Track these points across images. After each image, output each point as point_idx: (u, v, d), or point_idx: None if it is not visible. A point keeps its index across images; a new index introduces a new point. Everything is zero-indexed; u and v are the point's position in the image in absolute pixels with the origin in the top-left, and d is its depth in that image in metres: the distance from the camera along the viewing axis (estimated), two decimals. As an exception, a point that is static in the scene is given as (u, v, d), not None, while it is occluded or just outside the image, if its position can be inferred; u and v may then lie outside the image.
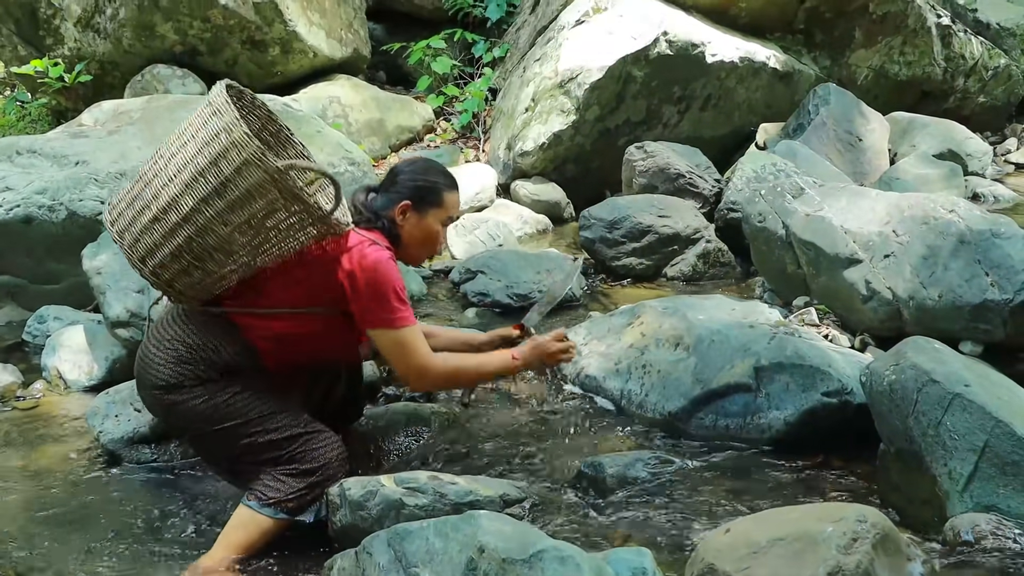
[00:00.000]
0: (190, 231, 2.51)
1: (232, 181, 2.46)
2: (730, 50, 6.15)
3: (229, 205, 2.49)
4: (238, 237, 2.55)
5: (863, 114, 6.32)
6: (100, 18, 6.56)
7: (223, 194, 2.48)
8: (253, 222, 2.53)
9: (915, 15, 7.01)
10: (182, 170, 2.50)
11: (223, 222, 2.51)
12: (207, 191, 2.48)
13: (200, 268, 2.58)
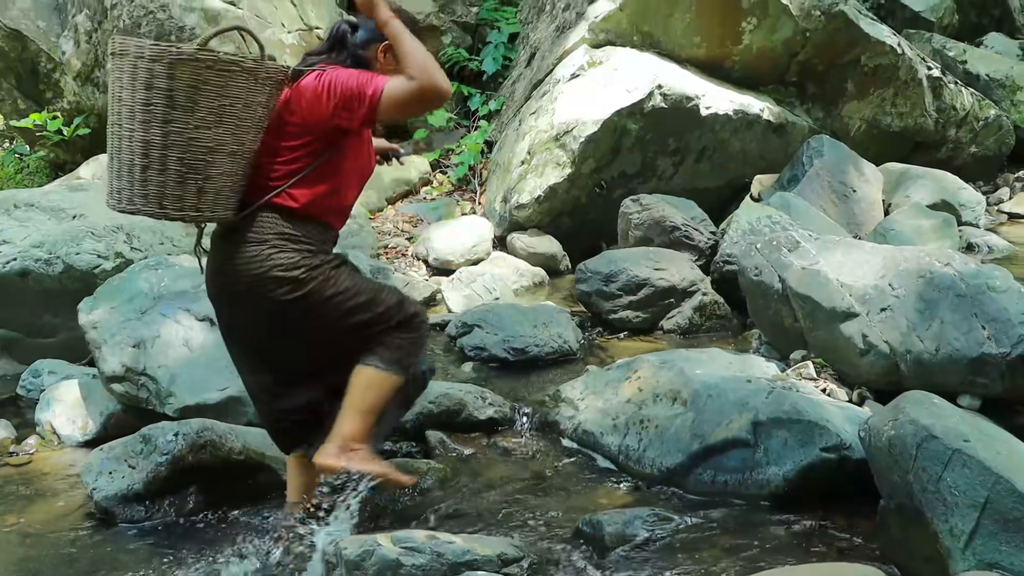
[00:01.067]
0: (176, 153, 2.61)
1: (174, 89, 2.56)
2: (724, 103, 6.20)
3: (185, 109, 2.59)
4: (214, 132, 2.64)
5: (857, 165, 6.36)
6: (100, 72, 6.61)
7: (175, 104, 2.58)
8: (219, 110, 2.63)
9: (906, 67, 7.07)
10: (132, 115, 2.60)
11: (195, 125, 2.61)
12: (162, 112, 2.58)
13: (210, 178, 2.67)
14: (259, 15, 6.44)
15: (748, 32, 6.47)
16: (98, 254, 4.69)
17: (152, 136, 2.60)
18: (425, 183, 6.95)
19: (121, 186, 2.66)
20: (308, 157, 2.82)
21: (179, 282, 4.16)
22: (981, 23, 10.61)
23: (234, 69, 2.63)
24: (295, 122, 2.79)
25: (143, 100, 2.58)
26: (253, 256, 2.78)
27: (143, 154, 2.61)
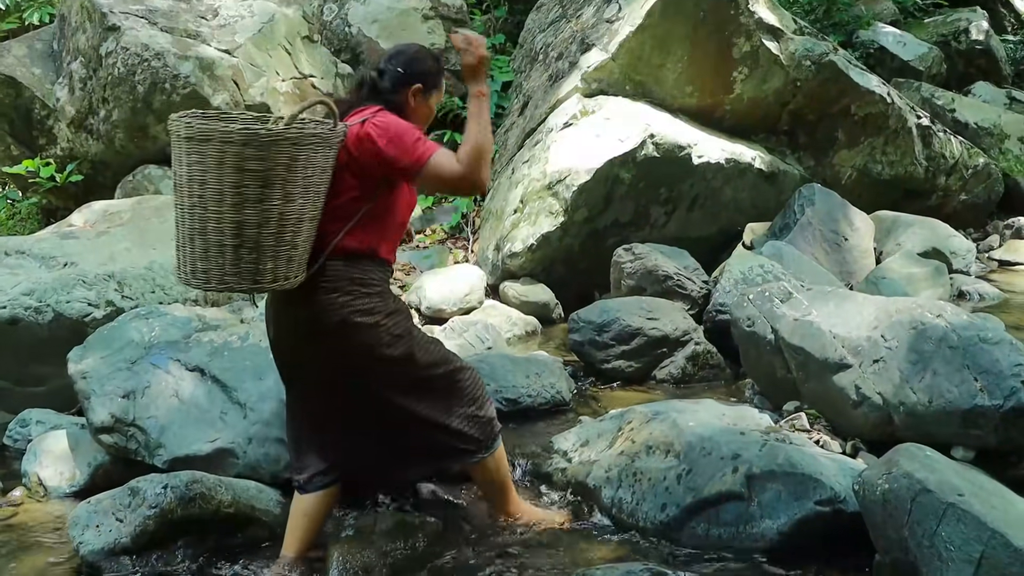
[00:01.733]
0: (270, 230, 2.72)
1: (267, 169, 2.66)
2: (716, 151, 6.23)
3: (276, 187, 2.69)
4: (295, 204, 2.75)
5: (848, 214, 6.39)
6: (93, 119, 6.63)
7: (268, 183, 2.68)
8: (292, 179, 2.72)
9: (896, 116, 7.12)
10: (221, 198, 2.67)
11: (283, 200, 2.71)
12: (256, 193, 2.67)
13: (294, 244, 2.79)
14: (254, 64, 6.48)
15: (739, 82, 6.52)
16: (89, 302, 4.66)
17: (246, 217, 2.68)
18: (418, 231, 6.96)
19: (208, 267, 2.73)
20: (364, 200, 2.96)
21: (170, 331, 4.14)
22: (968, 72, 10.73)
23: (317, 141, 2.76)
24: (351, 170, 2.93)
25: (233, 183, 2.65)
26: (329, 304, 2.92)
27: (235, 234, 2.69)
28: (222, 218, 2.68)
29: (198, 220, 2.71)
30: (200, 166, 2.66)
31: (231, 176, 2.64)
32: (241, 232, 2.69)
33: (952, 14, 11.36)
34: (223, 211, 2.67)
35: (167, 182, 6.40)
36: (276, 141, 2.65)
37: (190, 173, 2.69)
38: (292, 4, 7.09)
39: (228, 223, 2.68)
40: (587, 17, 6.74)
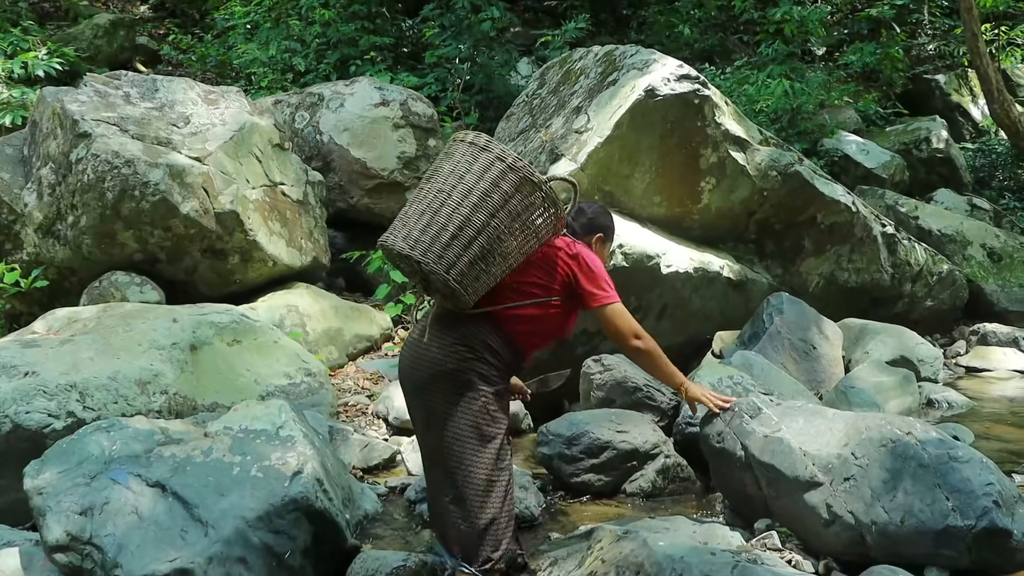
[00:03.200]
0: (483, 240, 3.27)
1: (512, 196, 3.29)
2: (684, 260, 6.27)
3: (510, 214, 3.30)
4: (512, 241, 3.33)
5: (816, 322, 6.43)
6: (61, 225, 6.59)
7: (506, 206, 3.29)
8: (525, 226, 3.35)
9: (861, 225, 7.23)
10: (467, 195, 3.27)
11: (508, 230, 3.30)
12: (493, 206, 3.28)
13: (487, 272, 3.32)
14: (224, 171, 6.50)
15: (707, 192, 6.61)
16: (49, 413, 4.55)
17: (475, 219, 3.26)
18: (387, 339, 6.92)
19: (422, 238, 3.26)
20: (542, 292, 3.52)
21: (131, 445, 4.05)
22: (930, 179, 10.98)
23: (552, 209, 3.39)
24: (546, 265, 3.53)
25: (484, 191, 3.27)
26: (454, 353, 3.44)
27: (459, 227, 3.25)
28: (457, 211, 3.25)
29: (438, 202, 3.28)
30: (468, 166, 3.29)
31: (485, 185, 3.27)
32: (463, 228, 3.24)
33: (912, 123, 11.67)
34: (462, 206, 3.25)
35: (134, 289, 6.36)
36: (534, 183, 3.30)
37: (455, 167, 3.33)
38: (264, 113, 7.15)
39: (460, 216, 3.24)
40: (556, 127, 6.82)
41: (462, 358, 3.43)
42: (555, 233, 3.52)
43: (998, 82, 10.71)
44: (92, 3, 13.98)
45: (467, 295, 3.30)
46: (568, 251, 3.56)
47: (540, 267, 3.53)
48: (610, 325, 3.63)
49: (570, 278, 3.53)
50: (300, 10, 10.98)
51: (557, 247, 3.56)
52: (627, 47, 6.96)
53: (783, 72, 11.19)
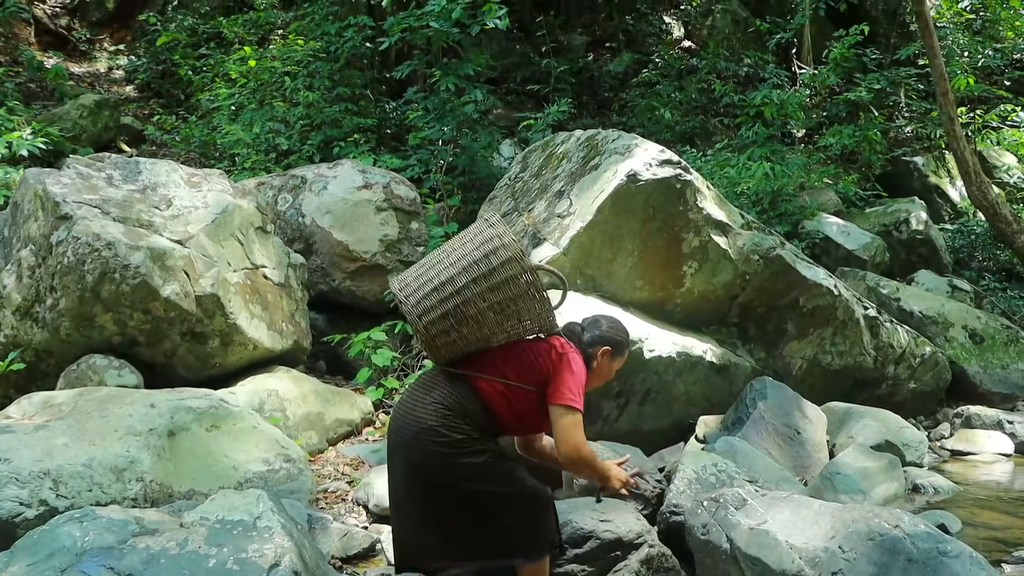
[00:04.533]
0: (458, 300, 3.57)
1: (496, 270, 3.58)
2: (667, 345, 6.25)
3: (491, 286, 3.58)
4: (490, 314, 3.59)
5: (800, 407, 6.41)
6: (40, 307, 6.53)
7: (488, 277, 3.58)
8: (504, 304, 3.60)
9: (843, 308, 7.25)
10: (460, 259, 3.63)
11: (483, 298, 3.57)
12: (477, 273, 3.58)
13: (457, 331, 3.59)
14: (206, 254, 6.47)
15: (689, 276, 6.62)
16: (21, 501, 4.46)
17: (458, 279, 3.59)
18: (368, 423, 6.84)
19: (412, 284, 3.67)
20: (514, 376, 3.66)
21: (104, 536, 3.96)
22: (911, 260, 11.06)
23: (537, 295, 3.67)
24: (530, 355, 3.70)
25: (475, 258, 3.61)
26: (428, 404, 3.63)
27: (442, 282, 3.60)
28: (447, 268, 3.62)
29: (436, 259, 3.71)
30: (471, 236, 3.70)
31: (478, 255, 3.60)
32: (445, 284, 3.59)
33: (892, 204, 11.79)
34: (453, 265, 3.61)
35: (112, 372, 6.27)
36: (517, 262, 3.59)
37: (463, 235, 3.76)
38: (247, 195, 7.14)
39: (446, 273, 3.60)
40: (539, 211, 6.85)
41: (441, 415, 3.59)
42: (542, 326, 3.75)
43: (975, 164, 10.85)
44: (78, 83, 14.07)
45: (435, 345, 3.62)
46: (558, 350, 3.73)
47: (527, 355, 3.70)
48: (561, 429, 3.64)
49: (548, 372, 3.67)
50: (284, 92, 11.07)
51: (551, 344, 3.76)
52: (609, 132, 7.03)
53: (763, 154, 11.31)
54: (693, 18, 16.41)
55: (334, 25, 11.86)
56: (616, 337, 4.10)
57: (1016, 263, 11.18)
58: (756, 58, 14.67)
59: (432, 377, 3.79)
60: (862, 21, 13.65)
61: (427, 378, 3.82)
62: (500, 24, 9.27)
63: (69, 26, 15.78)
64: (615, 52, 15.47)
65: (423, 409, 3.62)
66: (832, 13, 14.11)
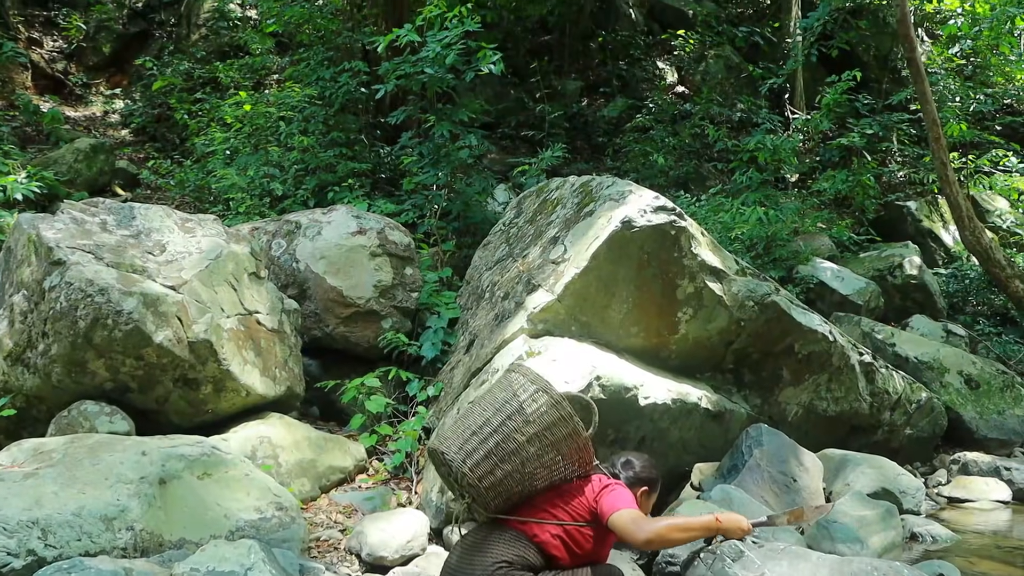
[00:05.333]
0: (498, 438, 3.72)
1: (526, 403, 3.77)
2: (662, 392, 6.22)
3: (525, 420, 3.74)
4: (529, 447, 3.72)
5: (796, 454, 6.37)
6: (31, 353, 6.49)
7: (521, 412, 3.75)
8: (541, 435, 3.73)
9: (838, 354, 7.23)
10: (491, 403, 3.83)
11: (520, 432, 3.72)
12: (511, 411, 3.78)
13: (501, 468, 3.70)
14: (199, 299, 6.45)
15: (684, 322, 6.61)
16: (8, 551, 4.41)
17: (493, 420, 3.75)
18: (361, 470, 6.78)
19: (451, 438, 3.81)
20: (565, 516, 3.83)
21: (92, 588, 3.92)
22: (905, 305, 11.07)
23: (569, 422, 3.78)
24: (576, 493, 3.86)
25: (504, 399, 3.81)
26: (489, 564, 3.67)
27: (479, 426, 3.75)
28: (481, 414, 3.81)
29: (467, 410, 3.93)
30: (499, 383, 3.94)
31: (506, 395, 3.81)
32: (483, 427, 3.75)
33: (886, 249, 11.82)
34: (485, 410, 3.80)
35: (103, 418, 6.23)
36: (556, 404, 3.78)
37: (492, 386, 3.98)
38: (241, 240, 7.12)
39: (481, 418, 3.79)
40: (533, 257, 6.84)
41: (506, 573, 3.67)
42: (581, 455, 3.91)
43: (968, 209, 10.89)
44: (74, 127, 14.10)
45: (481, 489, 3.71)
46: (602, 483, 3.93)
47: (573, 494, 3.88)
48: (625, 533, 3.73)
49: (597, 503, 3.83)
50: (279, 136, 11.09)
51: (591, 480, 3.96)
52: (603, 178, 7.05)
53: (757, 199, 11.36)
54: (686, 64, 16.53)
55: (329, 70, 11.92)
56: (652, 476, 4.27)
57: (1010, 308, 11.19)
58: (749, 103, 14.78)
59: (482, 537, 3.87)
60: (854, 67, 13.77)
61: (476, 538, 3.90)
62: (495, 69, 9.31)
63: (66, 70, 15.83)
64: (609, 97, 15.56)
65: (483, 570, 3.69)
66: (824, 59, 14.24)
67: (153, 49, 16.33)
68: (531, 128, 14.14)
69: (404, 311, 7.93)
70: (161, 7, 17.19)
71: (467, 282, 8.11)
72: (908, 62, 11.32)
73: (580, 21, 16.12)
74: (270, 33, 14.44)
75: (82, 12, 16.69)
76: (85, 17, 16.58)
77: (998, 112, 15.46)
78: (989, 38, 14.53)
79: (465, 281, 8.20)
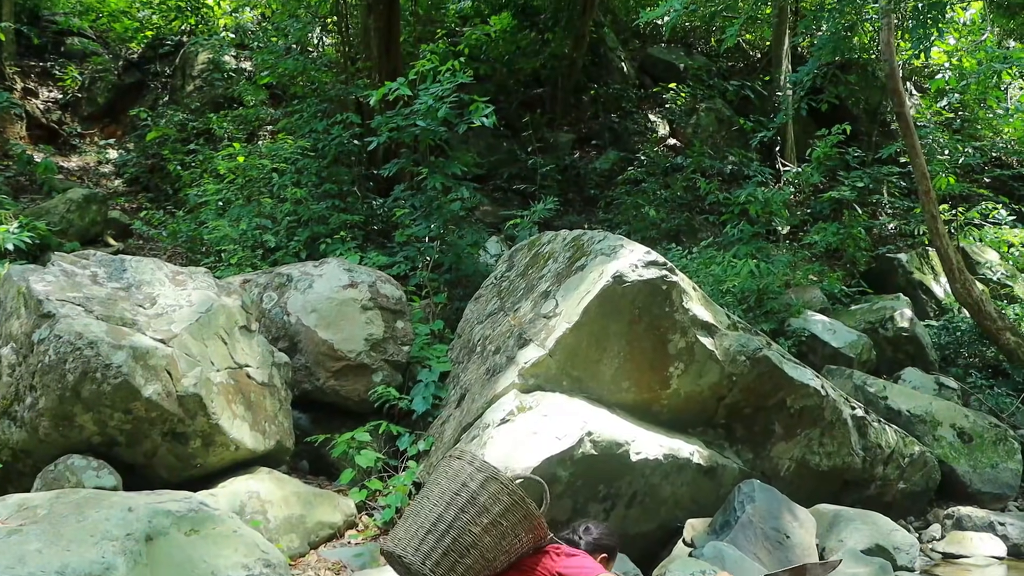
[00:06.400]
0: (453, 534, 3.63)
1: (477, 493, 3.69)
2: (654, 447, 6.19)
3: (478, 511, 3.66)
4: (486, 537, 3.64)
5: (789, 510, 6.34)
6: (18, 406, 6.45)
7: (473, 503, 3.67)
8: (496, 522, 3.66)
9: (830, 408, 7.22)
10: (440, 497, 3.73)
11: (475, 523, 3.64)
12: (462, 503, 3.68)
13: (462, 563, 3.63)
14: (189, 353, 6.42)
15: (676, 377, 6.60)
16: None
17: (446, 515, 3.67)
18: (350, 526, 6.71)
19: (404, 536, 3.71)
20: None
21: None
22: (897, 358, 11.06)
23: (522, 506, 3.71)
24: (537, 568, 3.79)
25: (452, 491, 3.72)
26: None
27: (433, 523, 3.67)
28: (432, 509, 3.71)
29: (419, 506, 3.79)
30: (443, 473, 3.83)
31: (455, 486, 3.72)
32: (436, 523, 3.67)
33: (877, 301, 11.84)
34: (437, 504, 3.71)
35: (90, 473, 6.17)
36: (497, 480, 3.72)
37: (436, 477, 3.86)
38: (232, 293, 7.11)
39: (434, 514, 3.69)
40: (524, 311, 6.84)
41: None
42: (537, 536, 3.82)
43: (958, 262, 10.93)
44: (68, 177, 14.13)
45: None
46: (564, 552, 3.89)
47: (532, 567, 3.82)
48: None
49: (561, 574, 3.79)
50: (272, 188, 11.11)
51: (550, 551, 3.89)
52: (594, 232, 7.07)
53: (749, 252, 11.39)
54: (678, 116, 16.65)
55: (322, 122, 11.99)
56: (611, 543, 4.25)
57: (1002, 360, 11.18)
58: (740, 156, 14.88)
59: None
60: (844, 120, 13.89)
61: None
62: (487, 122, 9.37)
63: (61, 120, 15.89)
64: (601, 150, 15.66)
65: None
66: (814, 112, 14.36)
67: (148, 100, 16.41)
68: (523, 180, 14.20)
69: (395, 364, 7.90)
70: (157, 58, 17.31)
71: (458, 335, 8.10)
72: (897, 116, 11.43)
73: (572, 74, 16.26)
74: (264, 85, 14.54)
75: (78, 63, 16.81)
76: (81, 68, 16.69)
77: (986, 165, 15.60)
78: (976, 92, 14.72)
79: (456, 334, 8.18)
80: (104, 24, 18.26)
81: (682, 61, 17.71)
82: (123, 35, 18.01)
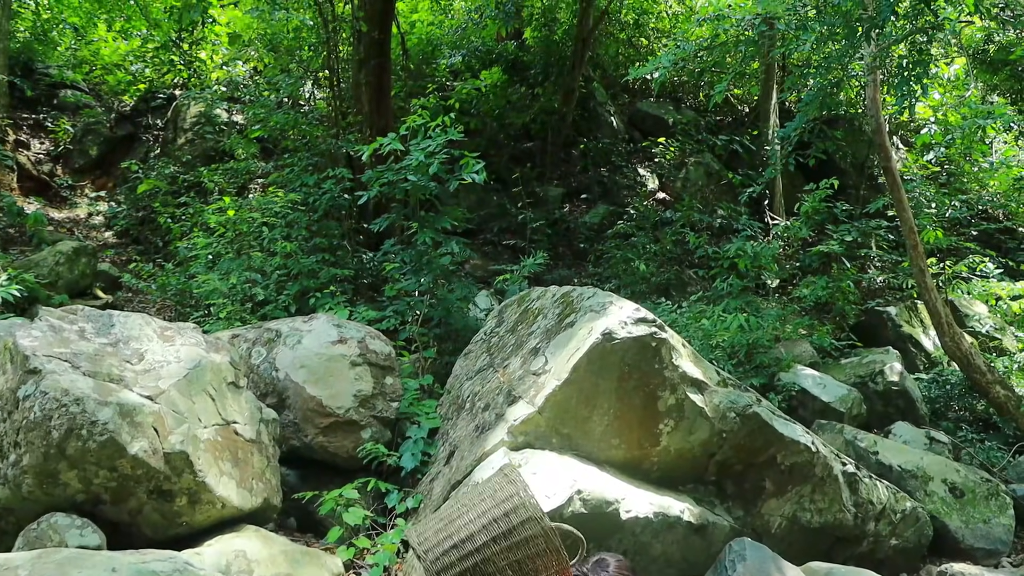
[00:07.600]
0: (478, 559, 3.61)
1: (516, 529, 3.64)
2: (644, 505, 6.15)
3: (510, 545, 3.62)
4: (508, 571, 3.62)
5: (780, 568, 6.28)
6: (2, 464, 6.39)
7: (508, 536, 3.63)
8: (523, 562, 3.63)
9: (821, 464, 7.18)
10: (480, 516, 3.68)
11: (503, 557, 3.61)
12: (497, 532, 3.64)
13: None
14: (176, 410, 6.38)
15: (666, 434, 6.57)
16: None
17: (478, 538, 3.63)
18: (339, 582, 6.65)
19: (433, 539, 3.67)
20: None
21: None
22: (887, 411, 11.05)
23: (555, 555, 3.66)
24: None
25: (492, 516, 3.69)
26: None
27: (462, 540, 3.62)
28: (467, 526, 3.69)
29: (457, 514, 3.75)
30: (491, 491, 3.79)
31: (498, 513, 3.68)
32: (465, 542, 3.62)
33: (867, 355, 11.85)
34: (473, 523, 3.69)
35: (74, 531, 6.10)
36: (542, 526, 3.66)
37: (483, 490, 3.82)
38: (220, 349, 7.09)
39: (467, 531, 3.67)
40: (514, 368, 6.83)
41: None
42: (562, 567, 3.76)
43: (947, 315, 10.95)
44: (58, 229, 14.14)
45: None
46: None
47: None
48: None
49: None
50: (262, 242, 11.13)
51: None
52: (584, 289, 7.08)
53: (738, 306, 11.42)
54: (667, 171, 16.78)
55: (313, 176, 12.05)
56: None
57: (992, 414, 11.17)
58: (729, 210, 14.98)
59: None
60: (832, 174, 14.02)
61: None
62: (478, 178, 9.42)
63: (52, 172, 15.93)
64: (591, 204, 15.75)
65: None
66: (802, 166, 14.48)
67: (139, 152, 16.49)
68: (513, 234, 14.27)
69: (384, 421, 7.86)
70: (149, 111, 17.41)
71: (448, 391, 8.07)
72: (884, 171, 11.52)
73: (562, 129, 16.41)
74: (255, 138, 14.62)
75: (71, 115, 16.89)
76: (74, 120, 16.78)
77: (973, 218, 15.71)
78: (962, 146, 14.87)
79: (446, 390, 8.16)
80: (97, 77, 18.40)
81: (671, 115, 17.87)
82: (116, 88, 18.15)
